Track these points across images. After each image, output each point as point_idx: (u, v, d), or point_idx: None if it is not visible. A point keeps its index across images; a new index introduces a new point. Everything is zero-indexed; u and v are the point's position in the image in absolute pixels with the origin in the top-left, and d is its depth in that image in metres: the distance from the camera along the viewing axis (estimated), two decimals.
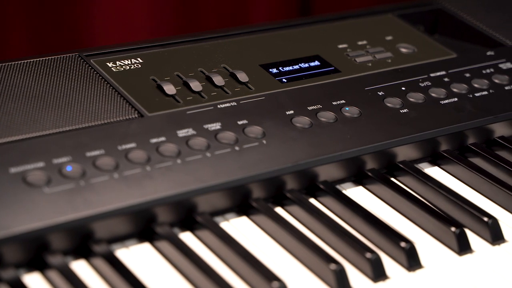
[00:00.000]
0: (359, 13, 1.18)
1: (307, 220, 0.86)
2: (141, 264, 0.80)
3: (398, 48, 1.10)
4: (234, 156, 0.88)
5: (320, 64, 1.05)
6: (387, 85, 1.02)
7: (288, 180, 0.89)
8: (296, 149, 0.90)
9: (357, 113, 0.97)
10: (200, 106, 0.94)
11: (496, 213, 0.90)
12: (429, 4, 1.22)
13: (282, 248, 0.83)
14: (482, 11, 1.20)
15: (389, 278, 0.80)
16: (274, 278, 0.76)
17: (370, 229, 0.85)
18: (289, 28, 1.13)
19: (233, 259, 0.80)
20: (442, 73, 1.06)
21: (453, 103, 1.01)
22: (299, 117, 0.94)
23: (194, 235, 0.84)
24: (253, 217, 0.87)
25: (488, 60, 1.10)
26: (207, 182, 0.84)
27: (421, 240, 0.86)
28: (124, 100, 0.93)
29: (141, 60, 1.00)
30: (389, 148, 0.94)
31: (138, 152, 0.85)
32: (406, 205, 0.89)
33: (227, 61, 1.02)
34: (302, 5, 1.78)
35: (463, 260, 0.83)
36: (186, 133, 0.89)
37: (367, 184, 0.93)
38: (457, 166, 0.96)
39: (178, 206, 0.83)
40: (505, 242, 0.86)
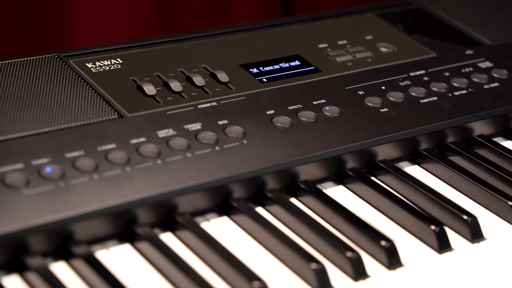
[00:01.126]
0: (339, 12, 1.18)
1: (288, 219, 0.86)
2: (121, 265, 0.79)
3: (378, 48, 1.11)
4: (214, 156, 0.88)
5: (300, 64, 1.05)
6: (367, 84, 1.03)
7: (269, 179, 0.89)
8: (276, 148, 0.90)
9: (337, 113, 0.97)
10: (180, 106, 0.94)
11: (475, 211, 0.91)
12: (408, 3, 1.22)
13: (263, 247, 0.83)
14: (461, 11, 1.21)
15: (370, 277, 0.80)
16: (255, 278, 0.76)
17: (350, 228, 0.85)
18: (269, 28, 1.13)
19: (214, 259, 0.80)
20: (422, 72, 1.06)
21: (432, 102, 1.02)
22: (279, 117, 0.94)
23: (174, 235, 0.84)
24: (234, 217, 0.87)
25: (467, 59, 1.10)
26: (188, 182, 0.84)
27: (402, 239, 0.86)
28: (104, 100, 0.93)
29: (121, 61, 1.00)
30: (369, 147, 0.95)
31: (118, 152, 0.85)
32: (387, 204, 0.90)
33: (207, 61, 1.02)
34: (283, 5, 1.78)
35: (443, 258, 0.84)
36: (166, 133, 0.89)
37: (348, 183, 0.94)
38: (437, 165, 0.97)
39: (159, 207, 0.83)
40: (484, 240, 0.86)
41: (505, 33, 1.17)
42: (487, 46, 1.14)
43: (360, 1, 1.36)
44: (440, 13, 1.20)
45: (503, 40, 1.16)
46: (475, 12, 1.22)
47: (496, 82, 1.07)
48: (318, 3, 1.76)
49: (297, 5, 1.79)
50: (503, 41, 1.15)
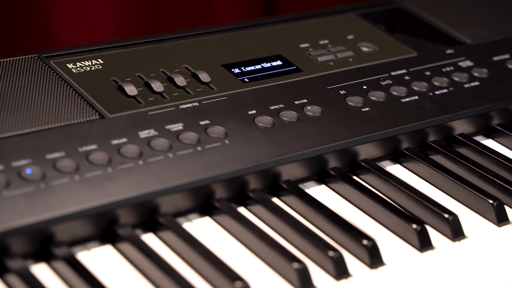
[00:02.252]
0: (321, 12, 1.19)
1: (270, 219, 0.87)
2: (103, 266, 0.79)
3: (359, 47, 1.11)
4: (196, 156, 0.87)
5: (282, 64, 1.05)
6: (349, 84, 1.03)
7: (251, 179, 0.89)
8: (258, 148, 0.90)
9: (319, 112, 0.97)
10: (161, 106, 0.93)
11: (456, 209, 0.91)
12: (389, 3, 1.23)
13: (245, 248, 0.83)
14: (441, 10, 1.22)
15: (352, 276, 0.80)
16: (237, 278, 0.76)
17: (332, 228, 0.86)
18: (251, 28, 1.13)
19: (196, 260, 0.79)
20: (403, 71, 1.07)
21: (413, 101, 1.02)
22: (261, 116, 0.94)
23: (156, 236, 0.84)
24: (216, 217, 0.87)
25: (448, 58, 1.11)
26: (169, 183, 0.84)
27: (383, 238, 0.86)
28: (85, 101, 0.92)
29: (102, 61, 0.99)
30: (351, 146, 0.95)
31: (99, 153, 0.85)
32: (368, 203, 0.90)
33: (189, 61, 1.02)
34: (266, 5, 1.78)
35: (424, 256, 0.84)
36: (147, 134, 0.89)
37: (330, 182, 0.94)
38: (418, 164, 0.97)
39: (140, 208, 0.83)
40: (465, 238, 0.87)
41: (486, 32, 1.18)
42: (467, 45, 1.15)
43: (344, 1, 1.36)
44: (421, 12, 1.21)
45: (484, 39, 1.16)
46: (455, 11, 1.22)
47: (477, 81, 1.07)
48: (302, 2, 1.76)
49: (281, 5, 1.79)
50: (483, 40, 1.16)
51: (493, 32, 1.18)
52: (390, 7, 1.22)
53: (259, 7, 1.77)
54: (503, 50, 1.14)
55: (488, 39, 1.17)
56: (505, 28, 1.20)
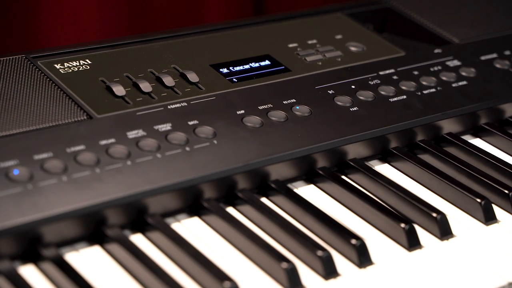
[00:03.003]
0: (309, 12, 1.19)
1: (259, 219, 0.87)
2: (91, 267, 0.79)
3: (347, 47, 1.11)
4: (185, 156, 0.87)
5: (270, 64, 1.05)
6: (337, 83, 1.03)
7: (240, 179, 0.89)
8: (247, 148, 0.90)
9: (307, 112, 0.97)
10: (150, 107, 0.93)
11: (444, 208, 0.91)
12: (377, 3, 1.23)
13: (234, 248, 0.83)
14: (429, 10, 1.22)
15: (340, 275, 0.81)
16: (226, 278, 0.76)
17: (321, 227, 0.86)
18: (239, 27, 1.13)
19: (184, 260, 0.79)
20: (391, 71, 1.07)
21: (402, 100, 1.02)
22: (250, 116, 0.94)
23: (145, 237, 0.83)
24: (205, 217, 0.87)
25: (436, 57, 1.11)
26: (158, 183, 0.84)
27: (372, 237, 0.87)
28: (73, 102, 0.92)
29: (90, 62, 0.99)
30: (339, 146, 0.95)
31: (87, 154, 0.84)
32: (357, 202, 0.90)
33: (177, 62, 1.02)
34: (256, 5, 1.78)
35: (412, 255, 0.84)
36: (136, 134, 0.89)
37: (318, 182, 0.94)
38: (407, 163, 0.97)
39: (129, 208, 0.83)
40: (453, 237, 0.87)
41: (473, 32, 1.18)
42: (455, 44, 1.15)
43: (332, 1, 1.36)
44: (409, 12, 1.21)
45: (471, 38, 1.17)
46: (443, 11, 1.23)
47: (464, 81, 1.08)
48: (292, 2, 1.76)
49: (270, 5, 1.79)
50: (471, 40, 1.16)
51: (481, 32, 1.19)
52: (378, 7, 1.23)
53: (248, 7, 1.77)
54: (491, 50, 1.15)
55: (476, 38, 1.17)
56: (493, 27, 1.20)
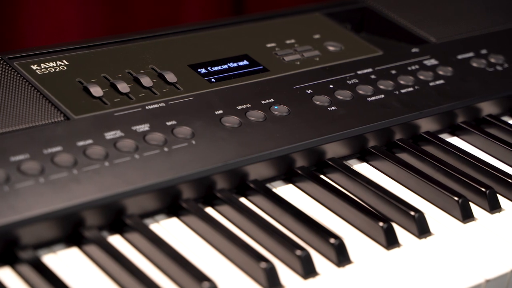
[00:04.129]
0: (287, 12, 1.19)
1: (238, 219, 0.87)
2: (69, 269, 0.78)
3: (325, 47, 1.12)
4: (163, 157, 0.87)
5: (248, 64, 1.05)
6: (315, 83, 1.03)
7: (218, 179, 0.89)
8: (225, 148, 0.90)
9: (286, 112, 0.97)
10: (128, 107, 0.93)
11: (422, 207, 0.92)
12: (355, 2, 1.24)
13: (212, 248, 0.83)
14: (407, 9, 1.23)
15: (319, 274, 0.81)
16: (204, 279, 0.76)
17: (300, 227, 0.86)
18: (217, 27, 1.13)
19: (163, 261, 0.79)
20: (369, 70, 1.07)
21: (380, 99, 1.03)
22: (228, 116, 0.94)
23: (123, 238, 0.83)
24: (183, 218, 0.86)
25: (413, 57, 1.12)
26: (136, 184, 0.84)
27: (351, 236, 0.87)
28: (50, 103, 0.91)
29: (67, 62, 0.99)
30: (318, 145, 0.95)
31: (65, 155, 0.84)
32: (335, 201, 0.90)
33: (155, 62, 1.02)
34: (235, 5, 1.78)
35: (391, 254, 0.84)
36: (114, 135, 0.88)
37: (297, 182, 0.94)
38: (385, 162, 0.98)
39: (107, 209, 0.82)
40: (431, 235, 0.88)
41: (450, 31, 1.19)
42: (432, 44, 1.16)
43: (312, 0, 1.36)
44: (387, 11, 1.22)
45: (448, 38, 1.18)
46: (420, 10, 1.23)
47: (441, 80, 1.08)
48: (271, 2, 1.76)
49: (250, 5, 1.79)
50: (448, 39, 1.17)
51: (458, 31, 1.19)
52: (356, 6, 1.23)
53: (227, 6, 1.77)
54: (467, 49, 1.15)
55: (453, 37, 1.18)
56: (469, 26, 1.21)
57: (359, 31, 1.22)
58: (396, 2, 1.24)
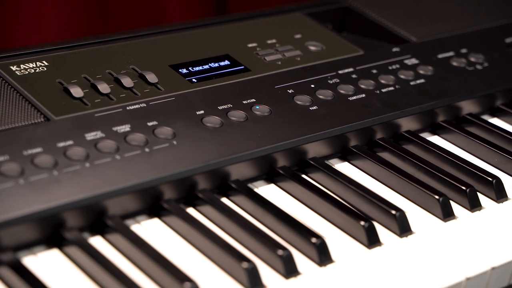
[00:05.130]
0: (268, 12, 1.19)
1: (219, 219, 0.86)
2: (50, 271, 0.78)
3: (307, 46, 1.12)
4: (144, 157, 0.87)
5: (230, 64, 1.05)
6: (297, 83, 1.03)
7: (200, 180, 0.89)
8: (207, 149, 0.90)
9: (267, 112, 0.97)
10: (108, 108, 0.92)
11: (403, 206, 0.92)
12: (336, 2, 1.24)
13: (194, 248, 0.83)
14: (387, 9, 1.23)
15: (301, 274, 0.81)
16: (186, 279, 0.76)
17: (281, 226, 0.86)
18: (199, 28, 1.12)
19: (144, 262, 0.79)
20: (350, 70, 1.08)
21: (361, 99, 1.03)
22: (209, 117, 0.94)
23: (104, 239, 0.83)
24: (165, 218, 0.86)
25: (394, 56, 1.12)
26: (117, 185, 0.83)
27: (332, 235, 0.87)
28: (30, 104, 0.91)
29: (47, 63, 0.98)
30: (299, 145, 0.95)
31: (45, 156, 0.83)
32: (317, 201, 0.90)
33: (136, 62, 1.01)
34: (218, 5, 1.78)
35: (372, 253, 0.85)
36: (94, 136, 0.88)
37: (279, 181, 0.94)
38: (366, 161, 0.98)
39: (87, 210, 0.82)
40: (412, 234, 0.88)
41: (430, 30, 1.20)
42: (413, 43, 1.16)
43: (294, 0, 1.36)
44: (368, 11, 1.22)
45: (429, 37, 1.18)
46: (401, 10, 1.24)
47: (422, 79, 1.09)
48: (253, 2, 1.76)
49: (233, 5, 1.79)
50: (428, 38, 1.18)
51: (438, 30, 1.20)
52: (337, 6, 1.23)
53: (210, 7, 1.77)
54: (448, 48, 1.16)
55: (433, 37, 1.18)
56: (450, 26, 1.22)
57: (340, 30, 1.23)
58: (377, 2, 1.25)
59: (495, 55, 1.17)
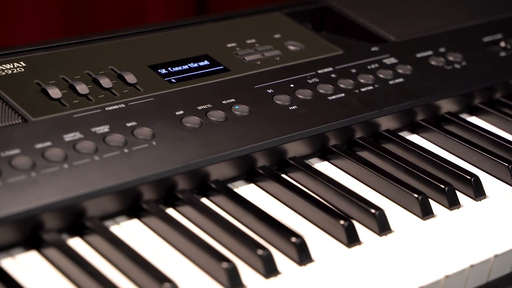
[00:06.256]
0: (247, 12, 1.19)
1: (199, 219, 0.86)
2: (28, 273, 0.77)
3: (286, 46, 1.12)
4: (123, 158, 0.87)
5: (209, 64, 1.05)
6: (276, 82, 1.03)
7: (179, 180, 0.88)
8: (186, 149, 0.90)
9: (247, 112, 0.97)
10: (87, 109, 0.92)
11: (383, 204, 0.93)
12: (315, 2, 1.24)
13: (174, 249, 0.83)
14: (366, 8, 1.23)
15: (281, 273, 0.81)
16: (165, 280, 0.76)
17: (261, 226, 0.86)
18: (178, 28, 1.12)
19: (124, 263, 0.79)
20: (329, 69, 1.08)
21: (340, 98, 1.03)
22: (189, 117, 0.94)
23: (83, 240, 0.82)
24: (144, 219, 0.86)
25: (373, 55, 1.13)
26: (96, 186, 0.83)
27: (312, 235, 0.87)
28: (7, 105, 0.90)
29: (24, 64, 0.97)
30: (279, 145, 0.95)
31: (22, 158, 0.83)
32: (297, 200, 0.91)
33: (114, 63, 1.01)
34: (197, 5, 1.78)
35: (352, 252, 0.85)
36: (73, 137, 0.87)
37: (259, 181, 0.94)
38: (346, 160, 0.98)
39: (66, 212, 0.82)
40: (391, 232, 0.88)
41: (409, 30, 1.20)
42: (392, 42, 1.17)
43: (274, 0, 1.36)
44: (347, 11, 1.23)
45: (407, 36, 1.19)
46: (380, 9, 1.24)
47: (401, 78, 1.09)
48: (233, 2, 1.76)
49: (212, 5, 1.79)
50: (407, 38, 1.18)
51: (416, 29, 1.21)
52: (316, 6, 1.23)
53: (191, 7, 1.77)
54: (426, 47, 1.17)
55: (412, 36, 1.19)
56: (428, 25, 1.23)
57: (320, 30, 1.23)
58: (356, 2, 1.25)
59: (473, 54, 1.17)
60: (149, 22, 1.65)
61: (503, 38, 1.22)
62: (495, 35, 1.23)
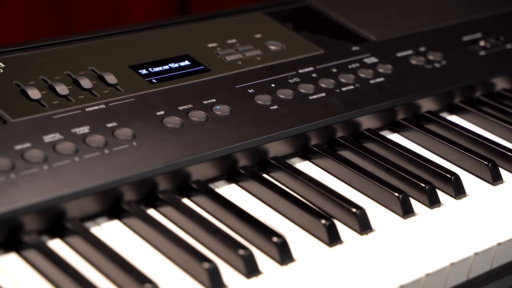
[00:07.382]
0: (228, 12, 1.19)
1: (180, 220, 0.86)
2: (8, 276, 0.77)
3: (267, 46, 1.12)
4: (104, 159, 0.86)
5: (190, 64, 1.05)
6: (257, 82, 1.03)
7: (160, 181, 0.88)
8: (167, 149, 0.90)
9: (228, 112, 0.97)
10: (67, 110, 0.92)
11: (364, 203, 0.93)
12: (296, 1, 1.24)
13: (155, 249, 0.83)
14: (347, 8, 1.24)
15: (262, 273, 0.81)
16: (146, 281, 0.76)
17: (243, 226, 0.86)
18: (158, 28, 1.12)
19: (104, 264, 0.78)
20: (310, 69, 1.08)
21: (321, 98, 1.03)
22: (169, 117, 0.94)
23: (64, 242, 0.82)
24: (125, 220, 0.86)
25: (354, 55, 1.13)
26: (76, 187, 0.83)
27: (294, 234, 0.87)
28: None
29: (3, 65, 0.97)
30: (260, 144, 0.95)
31: (2, 159, 0.82)
32: (278, 200, 0.91)
33: (95, 63, 1.01)
34: (179, 5, 1.78)
35: (333, 251, 0.85)
36: (52, 138, 0.87)
37: (240, 181, 0.94)
38: (327, 160, 0.98)
39: (46, 213, 0.81)
40: (373, 231, 0.89)
41: (390, 29, 1.21)
42: (372, 42, 1.17)
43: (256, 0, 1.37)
44: (327, 10, 1.23)
45: (388, 36, 1.19)
46: (360, 9, 1.25)
47: (382, 77, 1.10)
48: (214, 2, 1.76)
49: (194, 5, 1.79)
50: (387, 37, 1.19)
51: (397, 29, 1.21)
52: (297, 6, 1.24)
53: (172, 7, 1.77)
54: (407, 46, 1.17)
55: (392, 35, 1.19)
56: (408, 24, 1.23)
57: (301, 30, 1.23)
58: (337, 2, 1.25)
59: (452, 53, 1.18)
60: (130, 22, 1.64)
61: (483, 37, 1.23)
62: (475, 34, 1.23)
